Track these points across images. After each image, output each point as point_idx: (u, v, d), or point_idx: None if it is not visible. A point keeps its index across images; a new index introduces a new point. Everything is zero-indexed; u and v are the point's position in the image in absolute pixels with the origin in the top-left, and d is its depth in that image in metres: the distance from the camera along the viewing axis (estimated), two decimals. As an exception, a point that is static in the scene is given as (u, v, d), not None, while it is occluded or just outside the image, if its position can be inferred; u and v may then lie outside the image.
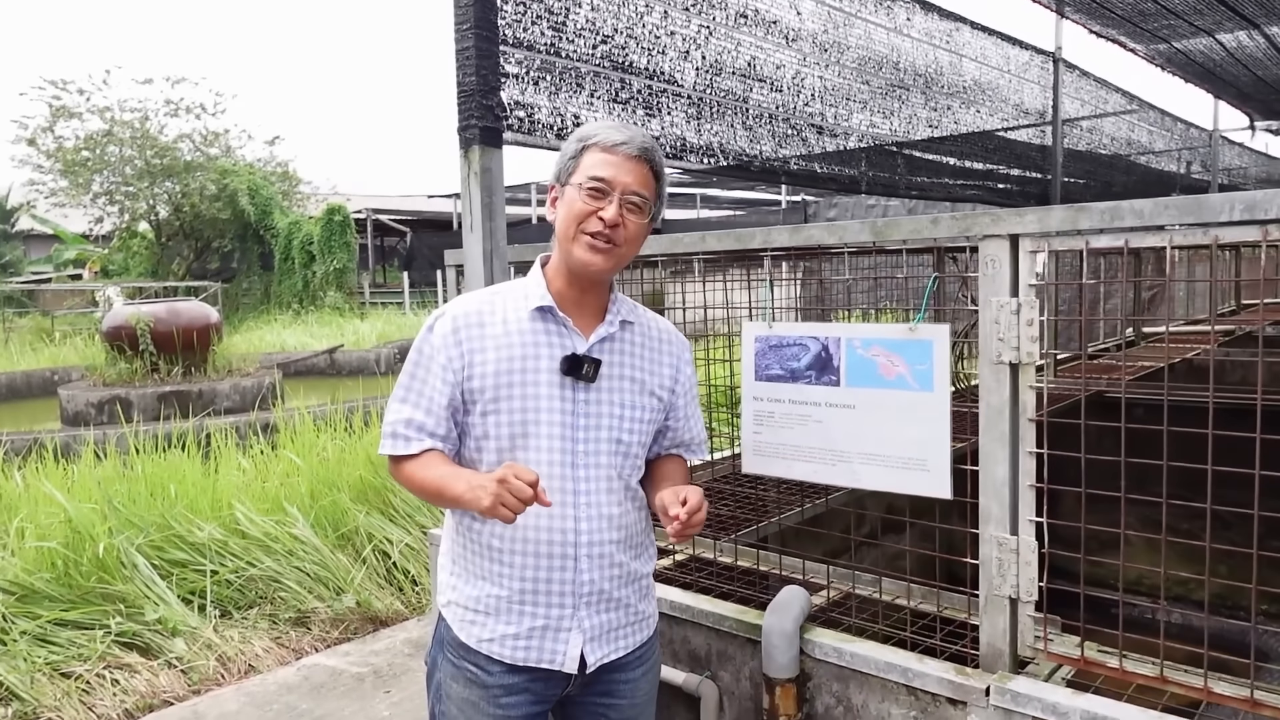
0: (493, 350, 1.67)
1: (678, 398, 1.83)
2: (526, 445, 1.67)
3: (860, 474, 1.98)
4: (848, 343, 1.97)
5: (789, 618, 2.03)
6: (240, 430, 7.29)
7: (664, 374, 1.79)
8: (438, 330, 1.70)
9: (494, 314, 1.71)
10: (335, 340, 17.03)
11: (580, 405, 1.69)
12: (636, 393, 1.74)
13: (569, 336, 1.70)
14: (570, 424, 1.68)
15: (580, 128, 1.71)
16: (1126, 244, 1.60)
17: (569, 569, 1.69)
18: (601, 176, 1.63)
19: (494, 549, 1.70)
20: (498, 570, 1.70)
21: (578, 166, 1.66)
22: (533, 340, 1.69)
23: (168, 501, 5.05)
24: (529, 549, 1.69)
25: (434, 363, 1.69)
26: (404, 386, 1.72)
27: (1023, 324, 1.73)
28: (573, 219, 1.65)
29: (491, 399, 1.66)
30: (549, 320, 1.70)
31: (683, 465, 1.88)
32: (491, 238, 2.56)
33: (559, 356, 1.68)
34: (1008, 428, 1.77)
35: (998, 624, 1.83)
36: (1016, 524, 1.79)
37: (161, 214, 25.32)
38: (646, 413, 1.75)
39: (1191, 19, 4.83)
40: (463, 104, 2.57)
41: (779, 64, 3.76)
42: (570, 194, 1.67)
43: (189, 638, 4.29)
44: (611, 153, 1.64)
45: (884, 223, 1.92)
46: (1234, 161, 11.22)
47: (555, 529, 1.68)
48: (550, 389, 1.67)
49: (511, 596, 1.70)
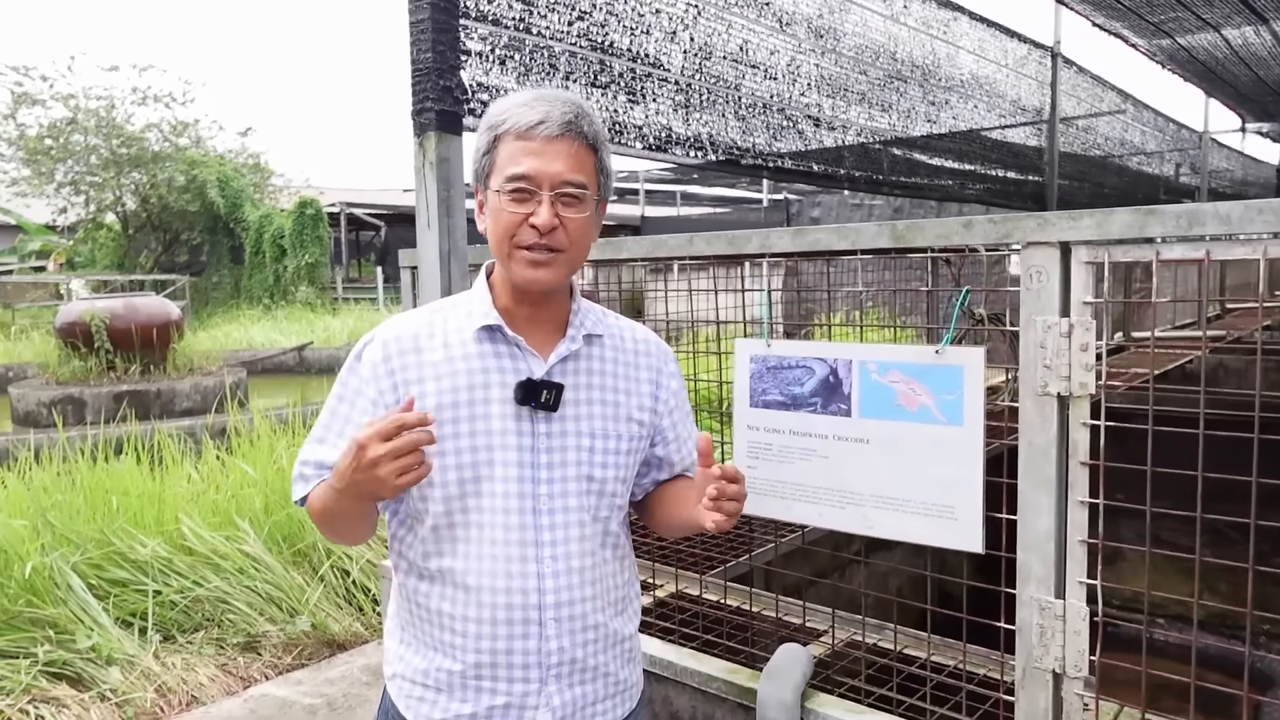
0: (432, 381, 1.38)
1: (662, 418, 1.52)
2: (479, 491, 1.38)
3: (874, 520, 1.69)
4: (861, 366, 1.67)
5: (788, 685, 1.74)
6: (195, 434, 6.91)
7: (643, 392, 1.49)
8: (366, 359, 1.42)
9: (432, 337, 1.41)
10: (305, 337, 16.58)
11: (541, 440, 1.39)
12: (610, 419, 1.44)
13: (523, 359, 1.40)
14: (530, 462, 1.39)
15: (489, 108, 1.39)
16: (1208, 256, 1.32)
17: (533, 636, 1.39)
18: (522, 174, 1.33)
19: (444, 614, 1.41)
20: (449, 640, 1.41)
21: (494, 163, 1.37)
22: (480, 366, 1.39)
23: (109, 514, 4.68)
24: (484, 614, 1.39)
25: (361, 398, 1.40)
26: (323, 425, 1.43)
27: (1075, 349, 1.45)
28: (503, 234, 1.36)
29: (435, 438, 1.37)
30: (498, 341, 1.41)
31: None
32: (450, 236, 2.25)
33: (512, 383, 1.38)
34: (1054, 472, 1.49)
35: (1038, 701, 1.55)
36: (1063, 585, 1.51)
37: (128, 205, 24.66)
38: (624, 441, 1.45)
39: (1200, 11, 4.60)
40: (417, 84, 2.25)
41: (772, 49, 3.47)
42: (492, 200, 1.37)
43: (126, 666, 3.94)
44: (528, 138, 1.33)
45: (905, 226, 1.63)
46: (1221, 164, 11.08)
47: (515, 589, 1.38)
48: (504, 423, 1.38)
49: (466, 671, 1.40)
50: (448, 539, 1.40)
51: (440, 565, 1.41)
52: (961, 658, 1.86)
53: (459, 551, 1.39)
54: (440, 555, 1.41)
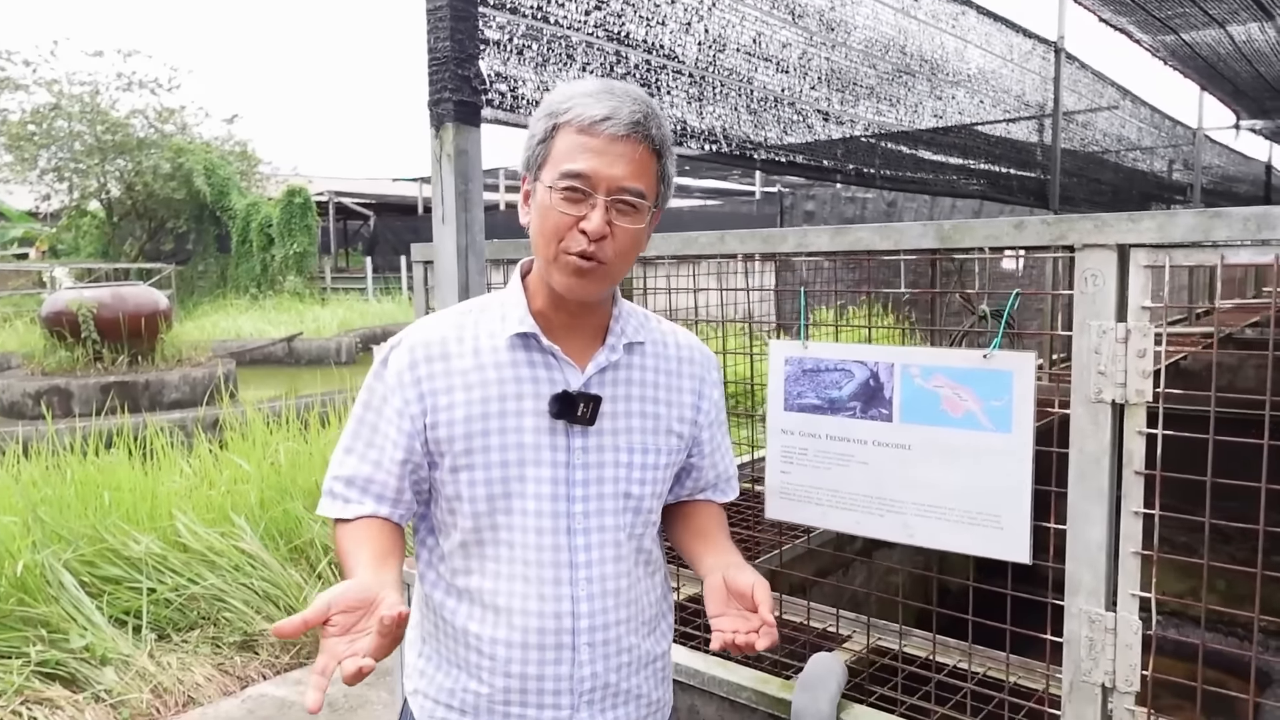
0: (462, 391, 1.30)
1: (702, 430, 1.45)
2: (510, 509, 1.30)
3: (915, 528, 1.64)
4: (903, 370, 1.62)
5: (824, 697, 1.70)
6: (186, 427, 6.81)
7: (685, 403, 1.41)
8: (392, 366, 1.34)
9: (462, 342, 1.33)
10: (294, 327, 16.43)
11: (577, 455, 1.32)
12: (650, 433, 1.37)
13: (559, 369, 1.32)
14: (565, 479, 1.31)
15: (552, 93, 1.28)
16: (1277, 260, 1.27)
17: (565, 662, 1.33)
18: (578, 172, 1.22)
19: (470, 634, 1.34)
20: (475, 661, 1.34)
21: (549, 154, 1.25)
22: (513, 375, 1.31)
23: (101, 510, 4.60)
24: (514, 638, 1.32)
25: (387, 406, 1.33)
26: (350, 434, 1.37)
27: (1132, 355, 1.40)
28: (549, 235, 1.25)
29: (463, 451, 1.30)
30: (533, 349, 1.33)
31: (720, 515, 1.52)
32: (467, 231, 2.18)
33: (546, 394, 1.30)
34: (1107, 481, 1.45)
35: (1085, 715, 1.51)
36: (1114, 597, 1.47)
37: (113, 192, 24.34)
38: (664, 456, 1.38)
39: (1207, 6, 4.57)
40: (435, 74, 2.18)
41: (785, 42, 3.41)
42: (542, 196, 1.26)
43: (120, 666, 3.87)
44: (591, 133, 1.22)
45: (952, 226, 1.58)
46: (1213, 161, 11.10)
47: (548, 613, 1.31)
48: (537, 436, 1.30)
49: (494, 695, 1.34)
50: (476, 556, 1.33)
51: (468, 584, 1.34)
52: (1004, 669, 1.82)
53: (488, 570, 1.33)
54: (469, 574, 1.34)
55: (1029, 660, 1.79)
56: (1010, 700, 1.73)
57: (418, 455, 1.32)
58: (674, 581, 2.49)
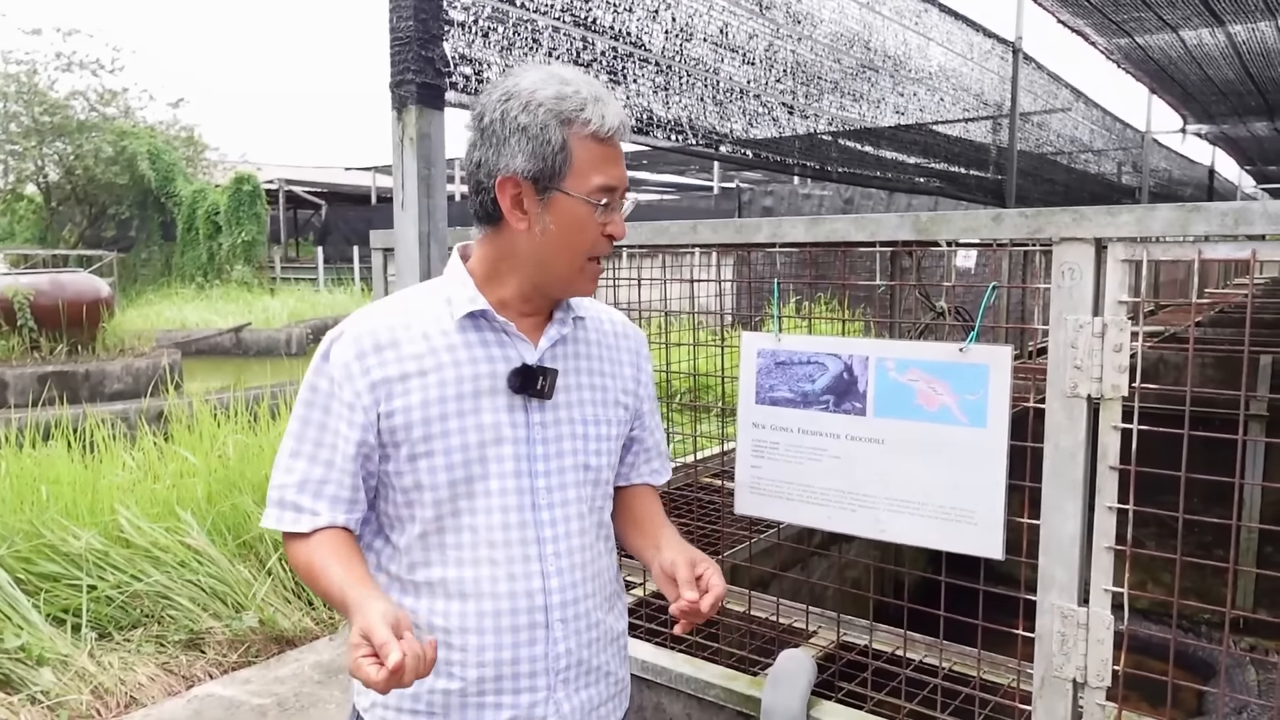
0: (417, 377, 1.26)
1: (643, 402, 1.47)
2: (472, 492, 1.27)
3: (887, 524, 1.63)
4: (878, 363, 1.60)
5: (795, 694, 1.67)
6: (129, 419, 6.59)
7: (625, 375, 1.43)
8: (336, 358, 1.27)
9: (409, 328, 1.28)
10: (242, 317, 16.05)
11: (537, 430, 1.30)
12: (600, 404, 1.37)
13: (511, 345, 1.30)
14: (527, 455, 1.29)
15: (533, 88, 1.22)
16: (1254, 256, 1.27)
17: (539, 641, 1.30)
18: (611, 186, 1.24)
19: (437, 630, 1.29)
20: (445, 657, 1.29)
21: (571, 165, 1.22)
22: (467, 357, 1.28)
23: (38, 504, 4.42)
24: (486, 624, 1.28)
25: (335, 401, 1.26)
26: (294, 435, 1.29)
27: (1108, 349, 1.40)
28: (587, 246, 1.26)
29: (423, 438, 1.25)
30: (484, 328, 1.30)
31: (658, 500, 1.53)
32: (430, 218, 2.12)
33: (503, 372, 1.28)
34: (1081, 475, 1.44)
35: (1056, 710, 1.51)
36: (1087, 592, 1.47)
37: (51, 176, 23.55)
38: (614, 427, 1.39)
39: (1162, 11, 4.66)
40: (397, 54, 2.11)
41: (751, 33, 3.38)
42: (573, 208, 1.23)
43: (58, 666, 3.72)
44: (609, 144, 1.24)
45: (929, 217, 1.56)
46: (1160, 164, 11.38)
47: (520, 593, 1.28)
48: (496, 415, 1.27)
49: (467, 689, 1.29)
50: (436, 547, 1.29)
51: (429, 576, 1.30)
52: (971, 664, 1.82)
53: (450, 559, 1.29)
54: (429, 565, 1.30)
55: (997, 656, 1.79)
56: (980, 696, 1.73)
57: (369, 447, 1.27)
58: (637, 578, 2.46)
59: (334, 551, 1.24)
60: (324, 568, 1.22)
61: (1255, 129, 10.02)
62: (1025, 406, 2.01)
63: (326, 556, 1.23)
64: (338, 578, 1.20)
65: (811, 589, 3.10)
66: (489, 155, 1.25)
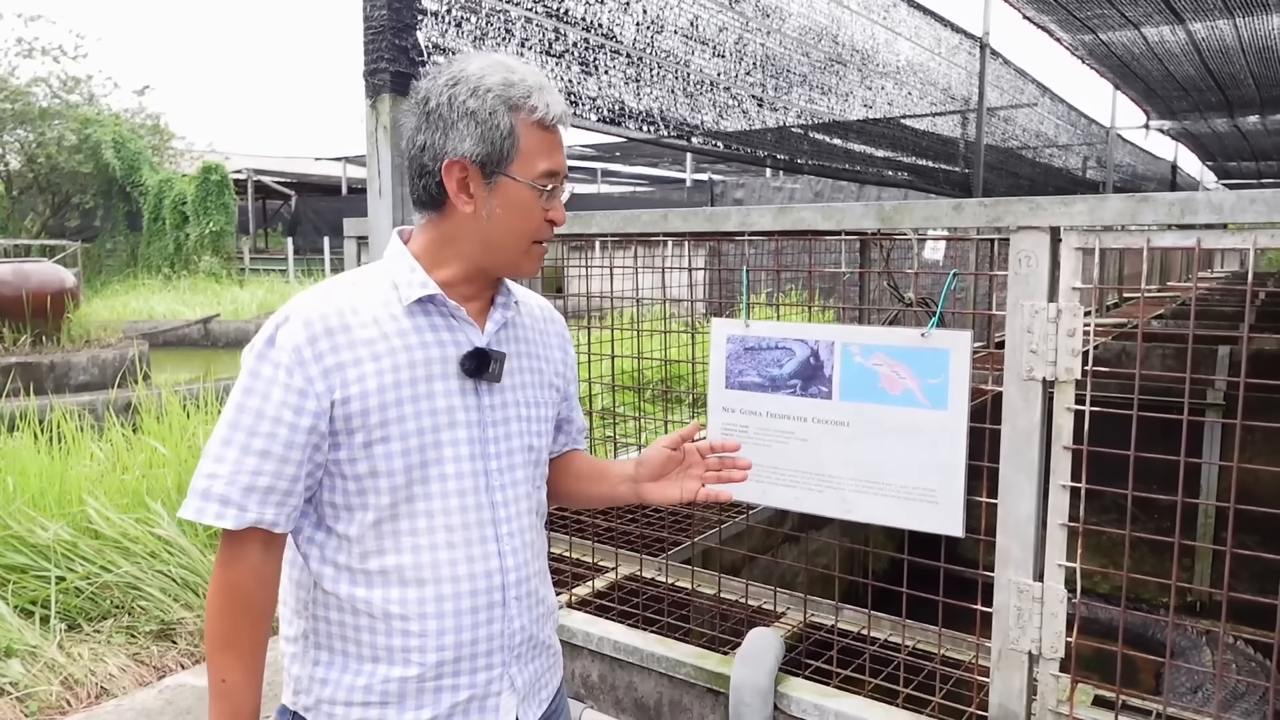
0: (370, 361, 1.24)
1: (569, 384, 1.54)
2: (427, 477, 1.27)
3: (853, 503, 1.68)
4: (844, 348, 1.65)
5: (762, 670, 1.72)
6: (96, 410, 6.52)
7: (555, 358, 1.48)
8: (284, 343, 1.22)
9: (358, 313, 1.27)
10: (211, 308, 15.87)
11: (488, 413, 1.33)
12: (537, 386, 1.42)
13: (460, 329, 1.31)
14: (479, 438, 1.31)
15: (481, 74, 1.24)
16: (1199, 244, 1.33)
17: (497, 620, 1.32)
18: (555, 170, 1.28)
19: (395, 618, 1.27)
20: (400, 644, 1.28)
21: (517, 150, 1.25)
22: (419, 341, 1.28)
23: (5, 496, 4.37)
24: (445, 608, 1.28)
25: (277, 388, 1.21)
26: (228, 424, 1.22)
27: (1062, 334, 1.45)
28: (532, 229, 1.29)
29: (379, 424, 1.24)
30: (432, 313, 1.30)
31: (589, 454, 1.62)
32: (404, 206, 2.14)
33: (453, 356, 1.30)
34: (1036, 456, 1.50)
35: (1013, 682, 1.57)
36: (1042, 568, 1.53)
37: (13, 165, 23.09)
38: (549, 409, 1.44)
39: (1124, 9, 4.76)
40: (371, 43, 2.12)
41: (722, 26, 3.42)
42: (523, 195, 1.26)
43: (27, 658, 3.69)
44: (553, 130, 1.28)
45: (893, 207, 1.61)
46: (1124, 160, 11.59)
47: (479, 574, 1.30)
48: (449, 399, 1.29)
49: (425, 674, 1.28)
50: (390, 534, 1.27)
51: (384, 564, 1.28)
52: (933, 641, 1.88)
53: (405, 545, 1.28)
54: (383, 553, 1.28)
55: (958, 633, 1.85)
56: (941, 670, 1.79)
57: (318, 436, 1.23)
58: (610, 561, 2.50)
59: (254, 650, 1.26)
60: (238, 654, 1.24)
61: (1216, 125, 10.24)
62: (989, 393, 2.07)
63: (246, 650, 1.25)
64: (234, 678, 1.24)
65: (782, 573, 3.16)
66: (435, 138, 1.25)
